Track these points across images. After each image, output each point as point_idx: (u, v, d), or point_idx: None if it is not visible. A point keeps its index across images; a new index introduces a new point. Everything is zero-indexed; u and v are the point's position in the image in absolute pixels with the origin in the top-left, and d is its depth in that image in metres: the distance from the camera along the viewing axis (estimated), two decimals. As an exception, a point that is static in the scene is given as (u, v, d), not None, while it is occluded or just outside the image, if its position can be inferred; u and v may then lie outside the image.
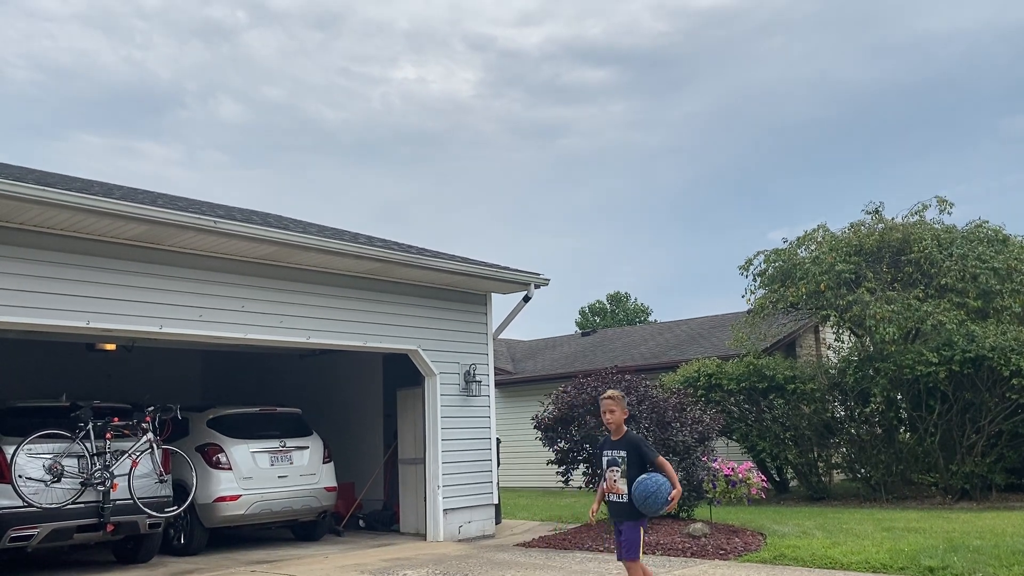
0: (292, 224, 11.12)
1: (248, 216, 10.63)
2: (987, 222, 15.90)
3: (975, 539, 9.08)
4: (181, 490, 9.66)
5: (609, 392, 6.22)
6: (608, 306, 50.02)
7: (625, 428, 6.09)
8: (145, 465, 9.21)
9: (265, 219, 10.79)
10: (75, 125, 70.57)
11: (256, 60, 62.02)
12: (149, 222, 8.15)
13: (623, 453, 5.96)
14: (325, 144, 72.72)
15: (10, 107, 61.42)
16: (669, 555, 9.14)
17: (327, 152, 74.65)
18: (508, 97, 69.99)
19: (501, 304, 12.47)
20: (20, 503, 8.23)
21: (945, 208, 15.94)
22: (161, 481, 9.35)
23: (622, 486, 5.93)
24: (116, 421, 9.16)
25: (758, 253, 16.68)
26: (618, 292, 50.61)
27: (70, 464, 8.66)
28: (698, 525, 9.90)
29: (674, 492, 5.77)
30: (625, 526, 5.98)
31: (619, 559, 6.09)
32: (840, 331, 16.90)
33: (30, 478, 8.36)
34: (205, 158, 74.30)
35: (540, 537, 10.75)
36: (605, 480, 6.07)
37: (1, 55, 56.77)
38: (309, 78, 63.74)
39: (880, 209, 16.40)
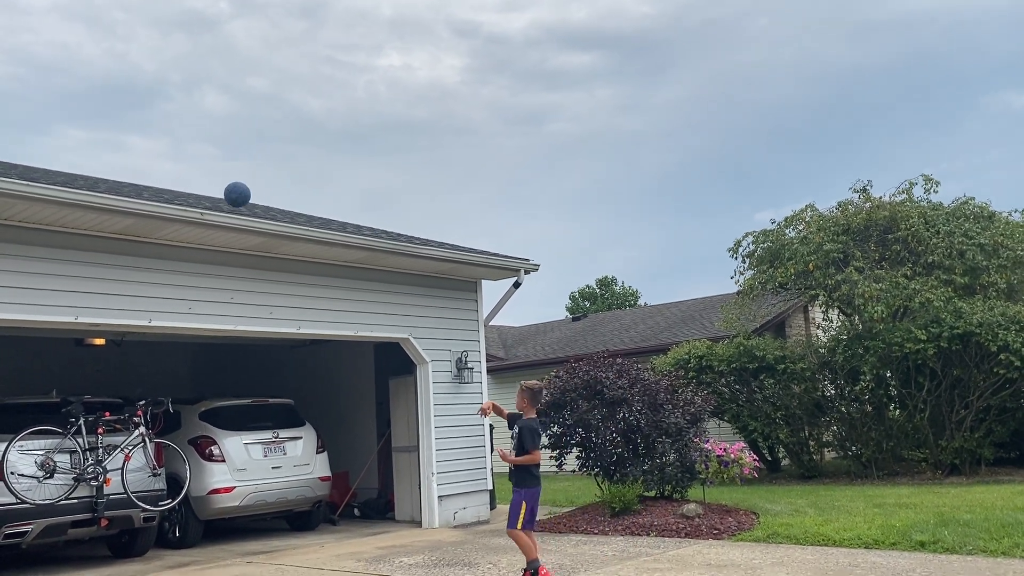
0: (279, 215, 11.07)
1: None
2: (973, 199, 15.98)
3: (965, 513, 9.17)
4: (175, 483, 9.65)
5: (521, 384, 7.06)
6: (597, 291, 50.05)
7: (527, 415, 6.78)
8: (138, 459, 9.19)
9: (252, 210, 10.73)
10: (59, 119, 69.94)
11: (240, 50, 61.55)
12: (135, 215, 8.10)
13: (516, 431, 6.81)
14: (311, 134, 72.33)
15: (-9, 102, 60.79)
16: (663, 536, 9.20)
17: (313, 142, 74.25)
18: (494, 83, 69.74)
19: (491, 290, 12.49)
20: (13, 500, 8.20)
21: (931, 187, 15.98)
22: (154, 475, 9.34)
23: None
24: (107, 416, 9.13)
25: (747, 234, 16.73)
26: (606, 276, 50.65)
27: (62, 460, 8.63)
28: (691, 506, 9.96)
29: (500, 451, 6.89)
30: (513, 493, 6.68)
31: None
32: (829, 310, 16.98)
33: (22, 475, 8.33)
34: (191, 150, 73.84)
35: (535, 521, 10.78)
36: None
37: (-20, 49, 56.16)
38: (294, 68, 63.33)
39: (867, 188, 16.44)
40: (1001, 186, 63.64)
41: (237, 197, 8.41)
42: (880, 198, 16.11)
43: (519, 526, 6.49)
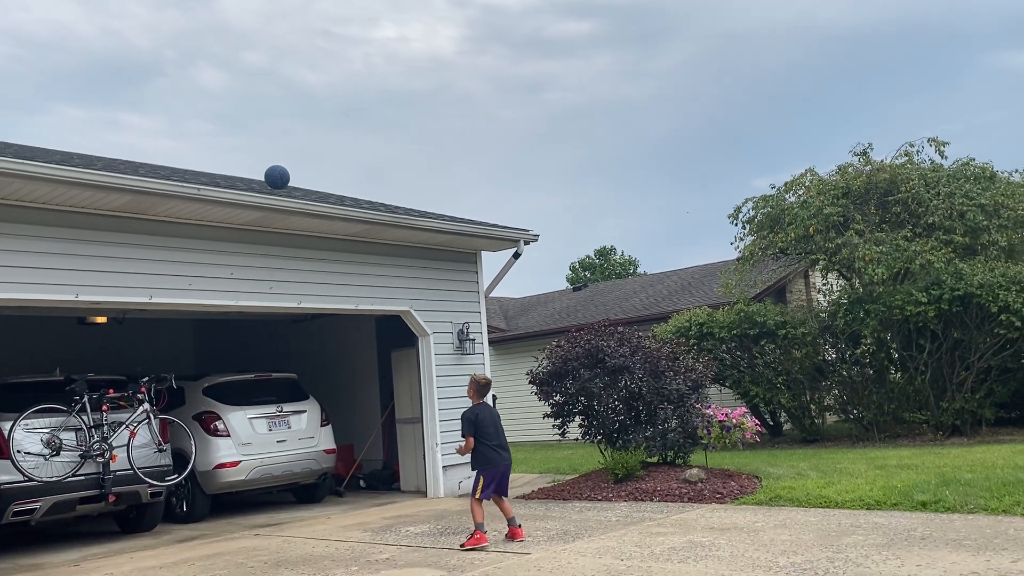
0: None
1: (232, 182, 10.54)
2: (974, 160, 15.89)
3: (966, 473, 9.24)
4: (181, 459, 9.72)
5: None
6: (596, 260, 49.99)
7: (474, 403, 7.78)
8: (143, 435, 9.24)
9: (249, 185, 10.70)
10: (55, 98, 69.53)
11: (235, 25, 60.99)
12: (132, 192, 8.08)
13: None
14: (308, 108, 71.89)
15: (-15, 82, 60.37)
16: (666, 501, 9.27)
17: (310, 116, 73.83)
18: (492, 53, 69.20)
19: (492, 262, 12.48)
20: (21, 478, 8.27)
21: (939, 148, 15.79)
22: (160, 450, 9.40)
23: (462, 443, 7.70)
24: (112, 393, 9.17)
25: (747, 200, 16.66)
26: (604, 246, 50.55)
27: (68, 437, 8.68)
28: (694, 471, 10.03)
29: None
30: None
31: None
32: (829, 274, 16.98)
33: (29, 452, 8.39)
34: (188, 127, 73.46)
35: (539, 489, 10.88)
36: None
37: (-29, 29, 55.63)
38: (289, 41, 62.81)
39: (868, 151, 16.34)
40: (1002, 146, 63.34)
41: (277, 179, 9.03)
42: (881, 161, 16.03)
43: (477, 495, 7.52)
